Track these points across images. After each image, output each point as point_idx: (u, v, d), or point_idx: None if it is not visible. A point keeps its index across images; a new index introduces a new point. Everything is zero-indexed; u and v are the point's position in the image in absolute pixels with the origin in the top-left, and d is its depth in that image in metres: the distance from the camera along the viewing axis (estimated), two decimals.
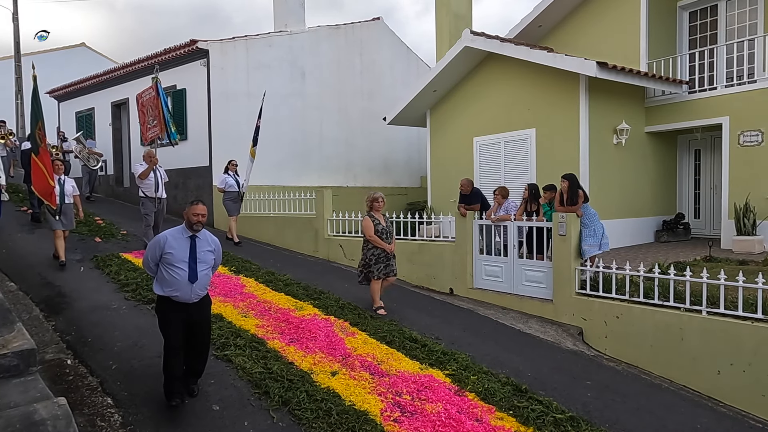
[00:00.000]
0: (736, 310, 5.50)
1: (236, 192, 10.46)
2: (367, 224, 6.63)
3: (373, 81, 15.49)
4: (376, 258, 6.63)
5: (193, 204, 4.22)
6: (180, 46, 12.51)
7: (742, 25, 10.53)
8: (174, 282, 4.08)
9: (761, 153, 9.27)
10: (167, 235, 4.17)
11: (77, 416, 3.79)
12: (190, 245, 4.17)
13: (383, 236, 6.62)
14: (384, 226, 6.70)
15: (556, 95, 9.80)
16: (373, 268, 6.64)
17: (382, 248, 6.61)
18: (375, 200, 6.75)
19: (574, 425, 4.28)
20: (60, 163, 8.01)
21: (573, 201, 7.07)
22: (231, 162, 10.70)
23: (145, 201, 8.99)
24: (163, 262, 4.10)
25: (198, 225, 4.16)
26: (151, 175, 8.88)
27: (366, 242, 6.70)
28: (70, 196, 7.96)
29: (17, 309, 5.85)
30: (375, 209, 6.72)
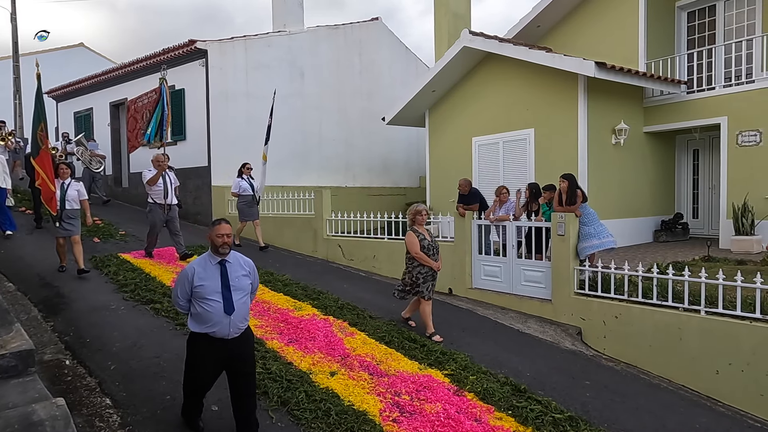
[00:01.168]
0: (735, 309, 5.51)
1: (251, 196, 10.10)
2: (412, 240, 6.01)
3: (372, 81, 15.49)
4: (424, 277, 6.04)
5: (215, 224, 3.76)
6: (179, 46, 12.51)
7: (741, 25, 10.55)
8: (209, 316, 3.61)
9: (759, 153, 9.29)
10: (194, 265, 3.71)
11: (76, 417, 3.79)
12: (220, 272, 3.69)
13: (430, 252, 6.03)
14: (429, 241, 6.07)
15: (555, 95, 9.80)
16: (422, 287, 6.06)
17: (429, 266, 6.03)
18: (418, 213, 6.09)
19: (573, 425, 4.28)
20: (65, 167, 7.53)
21: (572, 201, 7.07)
22: (245, 165, 10.29)
23: (153, 208, 8.46)
24: (195, 296, 3.66)
25: (224, 247, 3.69)
26: (160, 180, 8.43)
27: (410, 259, 6.11)
28: (74, 201, 7.42)
29: (16, 309, 5.84)
30: (418, 223, 6.10)
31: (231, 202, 12.14)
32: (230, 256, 3.75)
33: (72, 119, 16.96)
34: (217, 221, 3.81)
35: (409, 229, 6.20)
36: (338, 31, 14.75)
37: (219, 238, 3.69)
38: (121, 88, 14.97)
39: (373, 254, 9.49)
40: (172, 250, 9.23)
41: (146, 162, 14.10)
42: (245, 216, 10.16)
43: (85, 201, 7.65)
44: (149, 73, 13.81)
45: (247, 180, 10.18)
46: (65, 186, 7.36)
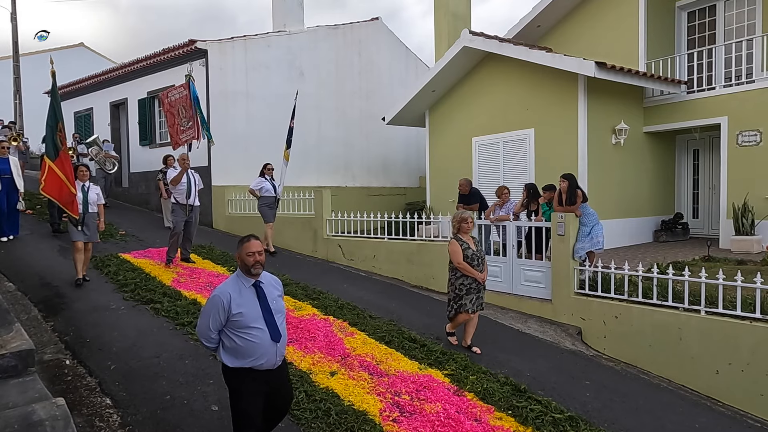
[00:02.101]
0: (735, 309, 5.51)
1: (273, 197, 9.83)
2: (455, 249, 5.62)
3: (371, 81, 15.50)
4: (467, 288, 5.64)
5: (244, 242, 3.29)
6: (179, 46, 12.51)
7: (741, 25, 10.55)
8: (254, 348, 3.15)
9: (759, 153, 9.28)
10: (227, 291, 3.19)
11: (76, 417, 3.79)
12: (257, 296, 3.24)
13: (474, 263, 5.63)
14: (474, 250, 5.68)
15: (555, 95, 9.80)
16: (465, 299, 5.64)
17: (474, 277, 5.64)
18: (463, 221, 5.69)
19: (573, 425, 4.28)
20: (85, 169, 7.32)
21: (572, 201, 7.07)
22: (266, 166, 9.92)
23: (175, 208, 8.30)
24: (233, 326, 3.15)
25: (257, 267, 3.23)
26: (184, 179, 8.19)
27: (453, 270, 5.71)
28: (94, 204, 7.17)
29: (16, 309, 5.84)
30: (463, 231, 5.71)
31: (231, 202, 12.16)
32: (262, 276, 3.33)
33: (72, 119, 16.95)
34: (245, 238, 3.32)
35: (452, 237, 5.81)
36: (338, 31, 14.75)
37: (250, 257, 3.21)
38: (121, 88, 14.98)
39: (373, 254, 9.49)
40: None
41: (145, 161, 14.16)
42: (268, 218, 9.83)
43: (102, 205, 7.40)
44: (150, 73, 13.82)
45: (269, 181, 9.87)
46: (85, 188, 7.11)
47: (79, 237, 6.93)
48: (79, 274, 7.04)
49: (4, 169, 8.80)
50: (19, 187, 9.00)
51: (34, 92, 19.43)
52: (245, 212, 11.84)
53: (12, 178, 8.88)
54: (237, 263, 3.34)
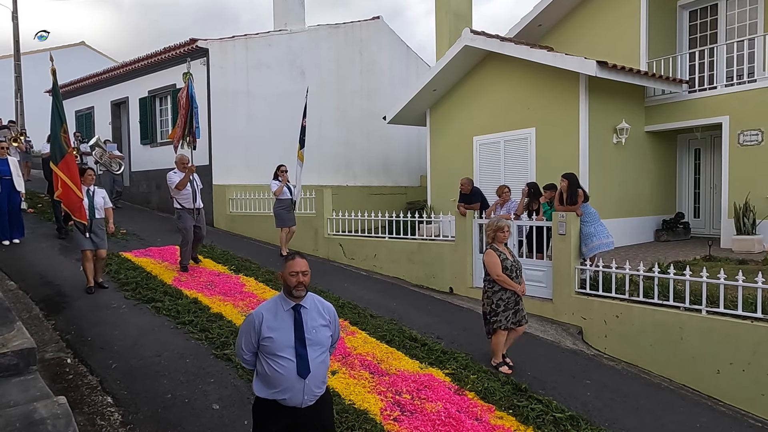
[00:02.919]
0: (736, 309, 5.50)
1: (289, 200, 9.52)
2: (492, 260, 5.20)
3: (372, 80, 15.49)
4: (505, 304, 5.21)
5: (289, 259, 2.96)
6: (179, 45, 12.51)
7: (742, 24, 10.53)
8: (279, 379, 2.78)
9: (761, 152, 9.27)
10: (262, 311, 2.90)
11: (77, 415, 3.79)
12: (294, 321, 2.87)
13: (513, 274, 5.22)
14: (512, 261, 5.28)
15: (556, 94, 9.79)
16: (500, 316, 5.22)
17: (513, 290, 5.24)
18: (499, 230, 5.28)
19: (574, 424, 4.28)
20: (92, 172, 6.94)
21: (573, 200, 7.07)
22: (280, 168, 9.58)
23: (182, 214, 7.84)
24: (263, 351, 2.84)
25: (300, 289, 2.89)
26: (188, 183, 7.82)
27: (490, 282, 5.28)
28: (101, 209, 6.83)
29: (17, 308, 5.84)
30: (499, 240, 5.31)
31: (232, 201, 12.16)
32: (307, 299, 2.94)
33: (73, 118, 16.96)
34: (290, 256, 3.00)
35: (488, 247, 5.40)
36: (339, 30, 14.74)
37: (293, 278, 2.87)
38: (122, 87, 14.99)
39: (374, 253, 9.49)
40: (174, 249, 9.22)
41: (146, 160, 14.17)
42: (283, 222, 9.52)
43: (110, 209, 7.05)
44: (151, 72, 13.82)
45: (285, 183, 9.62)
46: (91, 193, 6.76)
47: (87, 245, 6.59)
48: (90, 282, 6.73)
49: (4, 170, 8.62)
50: (20, 188, 8.80)
51: (35, 91, 19.45)
52: (246, 211, 11.85)
53: (12, 180, 8.69)
54: (281, 283, 2.97)
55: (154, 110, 14.12)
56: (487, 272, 5.30)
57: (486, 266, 5.28)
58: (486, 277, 5.33)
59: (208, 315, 6.11)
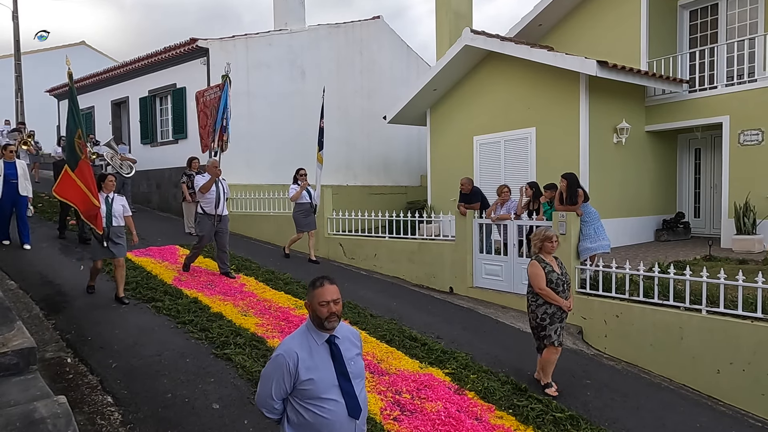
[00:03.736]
0: (736, 309, 5.50)
1: (308, 204, 9.34)
2: (537, 272, 4.86)
3: (373, 80, 15.48)
4: (550, 317, 4.89)
5: (317, 286, 2.49)
6: (180, 45, 12.51)
7: (743, 24, 10.53)
8: (326, 425, 2.39)
9: (761, 152, 9.27)
10: (294, 349, 2.42)
11: (77, 414, 3.79)
12: (331, 355, 2.47)
13: (559, 288, 4.87)
14: (559, 274, 4.93)
15: (557, 94, 9.79)
16: (548, 330, 4.90)
17: (558, 305, 4.88)
18: (547, 239, 4.95)
19: (574, 424, 4.29)
20: (113, 178, 6.54)
21: (572, 200, 7.06)
22: (299, 171, 9.41)
23: (202, 219, 7.61)
24: (300, 396, 2.41)
25: (333, 320, 2.45)
26: (213, 188, 7.53)
27: (534, 295, 4.95)
28: (120, 217, 6.48)
29: (17, 307, 5.85)
30: (546, 251, 4.96)
31: (233, 201, 12.15)
32: (338, 329, 2.53)
33: None
34: (318, 282, 2.51)
35: (533, 258, 5.04)
36: (339, 29, 14.74)
37: (323, 308, 2.43)
38: (122, 87, 14.99)
39: (374, 253, 9.49)
40: (175, 249, 9.24)
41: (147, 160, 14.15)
42: (301, 226, 9.39)
43: (130, 218, 6.70)
44: (151, 71, 13.83)
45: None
46: (110, 200, 6.40)
47: (103, 254, 6.32)
48: (92, 281, 6.65)
49: (11, 174, 8.37)
50: (26, 192, 8.52)
51: (35, 91, 19.47)
52: (246, 211, 11.86)
53: (17, 183, 8.36)
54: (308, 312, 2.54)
55: (155, 110, 14.13)
56: (530, 284, 4.98)
57: (529, 278, 4.95)
58: (529, 289, 5.01)
59: (208, 314, 6.11)
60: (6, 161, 8.37)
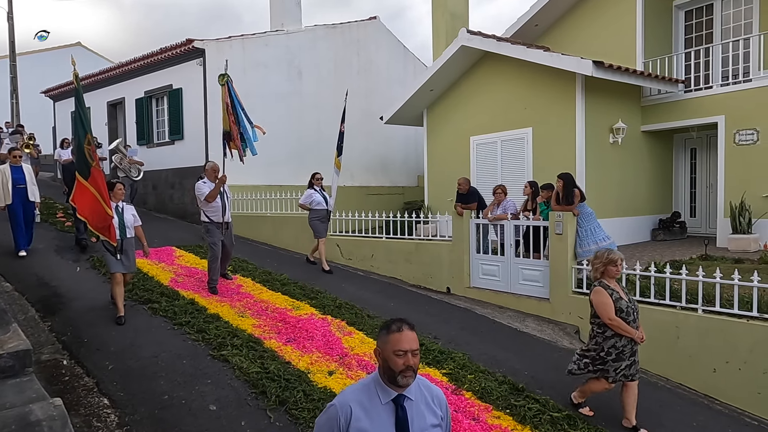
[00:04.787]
0: (732, 308, 5.52)
1: (324, 210, 9.05)
2: (604, 300, 4.28)
3: (370, 80, 15.48)
4: (618, 352, 4.29)
5: (393, 330, 2.04)
6: (176, 46, 12.49)
7: (738, 24, 10.57)
8: None
9: (756, 152, 9.30)
10: (349, 402, 2.02)
11: (73, 417, 3.78)
12: (395, 421, 2.00)
13: (629, 318, 4.28)
14: (627, 301, 4.36)
15: (553, 94, 9.81)
16: (609, 366, 4.32)
17: (629, 337, 4.28)
18: (612, 263, 4.37)
19: (571, 423, 4.29)
20: (122, 186, 6.16)
21: (569, 200, 7.08)
22: (315, 176, 9.15)
23: (211, 228, 7.15)
24: None
25: (408, 375, 2.01)
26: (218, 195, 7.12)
27: (600, 326, 4.36)
28: (131, 227, 6.08)
29: (13, 309, 5.82)
30: (610, 275, 4.40)
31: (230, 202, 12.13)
32: (412, 386, 2.07)
33: (69, 119, 16.91)
34: (395, 325, 2.05)
35: (595, 284, 4.45)
36: (336, 30, 14.74)
37: (399, 359, 1.99)
38: (118, 88, 14.95)
39: (371, 253, 9.49)
40: (171, 250, 9.23)
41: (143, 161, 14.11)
42: (319, 233, 9.08)
43: (140, 228, 6.29)
44: (147, 72, 13.80)
45: (320, 192, 9.08)
46: (120, 209, 5.99)
47: (119, 268, 5.84)
48: (120, 311, 5.88)
49: (18, 179, 8.09)
50: (34, 198, 8.30)
51: (31, 92, 19.39)
52: (243, 212, 11.85)
53: (26, 188, 8.16)
54: (377, 360, 2.10)
55: (151, 111, 14.09)
56: (594, 313, 4.40)
57: (595, 307, 4.35)
58: (595, 319, 4.42)
59: (205, 316, 6.10)
60: (12, 166, 8.15)
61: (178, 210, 13.27)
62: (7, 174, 8.02)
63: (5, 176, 7.99)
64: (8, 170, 8.05)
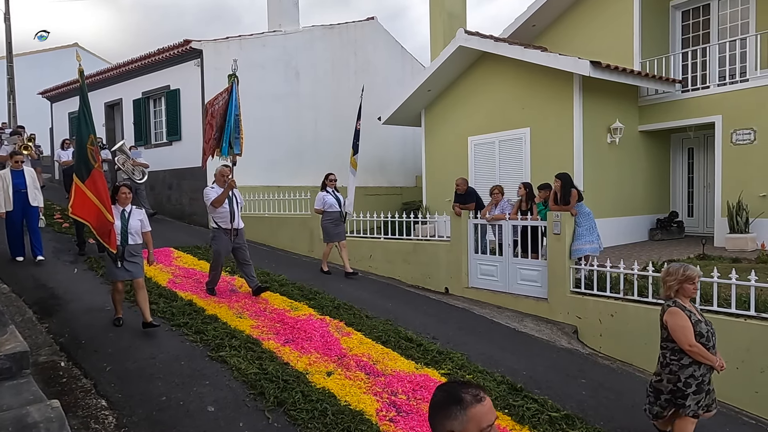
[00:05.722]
0: (729, 307, 5.53)
1: (338, 212, 8.63)
2: (683, 324, 3.72)
3: (367, 81, 15.45)
4: (697, 383, 3.71)
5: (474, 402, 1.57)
6: (173, 46, 12.48)
7: (735, 24, 10.60)
8: None
9: (753, 151, 9.33)
10: None
11: (71, 419, 3.77)
12: None
13: (709, 343, 3.73)
14: (705, 323, 3.82)
15: (550, 94, 9.83)
16: (690, 400, 3.70)
17: (709, 364, 3.73)
18: (689, 280, 3.80)
19: (569, 423, 4.29)
20: (126, 190, 5.71)
21: (566, 200, 7.10)
22: (328, 177, 8.77)
23: (218, 235, 6.84)
24: None
25: None
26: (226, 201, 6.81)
27: (675, 352, 3.78)
28: (137, 233, 5.68)
29: (10, 311, 5.80)
30: (686, 294, 3.84)
31: None
32: None
33: (66, 120, 16.89)
34: (468, 395, 1.58)
35: (668, 304, 3.85)
36: (333, 30, 14.74)
37: None
38: (116, 89, 14.93)
39: (370, 254, 9.49)
40: (169, 251, 9.21)
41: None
42: (330, 237, 8.67)
43: (149, 234, 5.92)
44: (144, 73, 13.79)
45: (333, 193, 8.70)
46: (126, 214, 5.64)
47: (119, 275, 5.56)
48: (119, 313, 5.77)
49: (19, 183, 7.82)
50: (37, 203, 7.99)
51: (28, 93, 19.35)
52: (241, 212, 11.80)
53: (27, 193, 7.86)
54: None
55: (148, 112, 14.08)
56: (667, 337, 3.82)
57: (672, 331, 3.76)
58: (668, 344, 3.83)
59: (203, 317, 6.09)
60: (13, 170, 7.88)
61: (176, 211, 13.26)
62: (8, 179, 7.76)
63: (5, 181, 7.73)
64: (8, 175, 7.80)
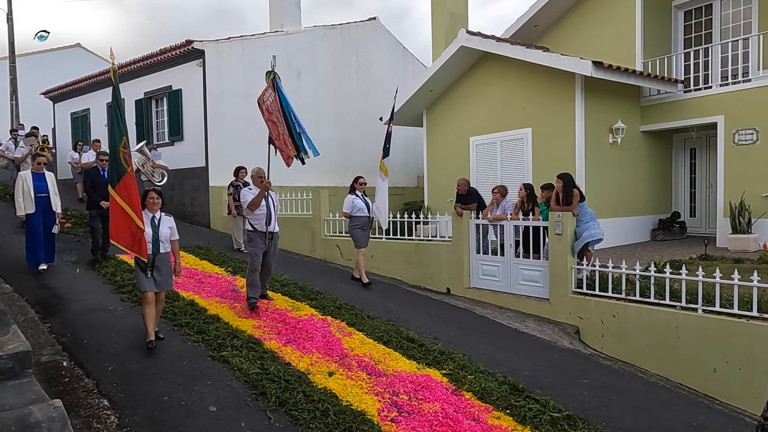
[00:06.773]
0: (732, 308, 5.52)
1: (366, 217, 8.27)
2: None
3: (369, 81, 15.48)
4: None
5: None
6: (175, 47, 12.49)
7: (737, 24, 10.58)
8: None
9: (756, 151, 9.31)
10: None
11: (73, 418, 3.78)
12: None
13: None
14: None
15: (552, 95, 9.82)
16: None
17: None
18: None
19: (571, 424, 4.29)
20: (155, 195, 5.43)
21: (568, 200, 7.09)
22: (358, 180, 8.41)
23: (253, 237, 6.58)
24: None
25: None
26: (263, 202, 6.63)
27: None
28: (166, 241, 5.37)
29: (12, 311, 5.82)
30: None
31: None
32: None
33: (69, 120, 16.92)
34: None
35: None
36: (335, 31, 14.75)
37: None
38: None
39: (371, 254, 9.49)
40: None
41: None
42: (360, 242, 8.31)
43: (176, 242, 5.58)
44: (146, 73, 13.79)
45: (362, 197, 8.33)
46: (156, 221, 5.34)
47: (150, 286, 5.17)
48: (150, 335, 5.18)
49: (41, 187, 7.49)
50: (56, 208, 7.69)
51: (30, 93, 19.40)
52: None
53: (49, 197, 7.59)
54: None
55: (150, 112, 14.09)
56: None
57: None
58: None
59: (205, 317, 6.10)
60: (34, 172, 7.57)
61: (178, 211, 13.26)
62: (29, 181, 7.46)
63: (27, 183, 7.44)
64: (30, 177, 7.50)
